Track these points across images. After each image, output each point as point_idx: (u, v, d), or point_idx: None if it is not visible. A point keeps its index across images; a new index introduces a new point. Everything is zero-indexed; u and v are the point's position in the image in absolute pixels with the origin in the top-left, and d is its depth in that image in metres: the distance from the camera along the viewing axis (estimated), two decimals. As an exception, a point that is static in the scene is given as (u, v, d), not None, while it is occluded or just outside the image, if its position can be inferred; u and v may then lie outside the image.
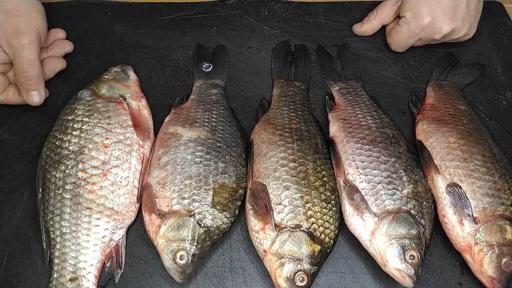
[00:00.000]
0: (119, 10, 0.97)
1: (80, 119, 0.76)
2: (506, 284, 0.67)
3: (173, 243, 0.66)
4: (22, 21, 0.78)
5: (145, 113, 0.81)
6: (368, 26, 0.96)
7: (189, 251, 0.66)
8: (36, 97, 0.80)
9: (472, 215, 0.69)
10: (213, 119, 0.79)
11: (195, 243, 0.67)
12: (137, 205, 0.73)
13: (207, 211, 0.68)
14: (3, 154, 0.79)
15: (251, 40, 0.96)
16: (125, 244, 0.71)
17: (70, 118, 0.77)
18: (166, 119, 0.80)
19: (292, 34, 0.97)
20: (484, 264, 0.67)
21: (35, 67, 0.78)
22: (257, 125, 0.81)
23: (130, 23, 0.96)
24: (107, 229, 0.70)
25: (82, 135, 0.74)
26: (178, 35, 0.95)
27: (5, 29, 0.77)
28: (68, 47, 0.90)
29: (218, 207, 0.69)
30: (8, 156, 0.79)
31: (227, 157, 0.74)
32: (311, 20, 0.99)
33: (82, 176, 0.71)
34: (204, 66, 0.89)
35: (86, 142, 0.74)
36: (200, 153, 0.73)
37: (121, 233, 0.71)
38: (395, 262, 0.66)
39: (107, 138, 0.74)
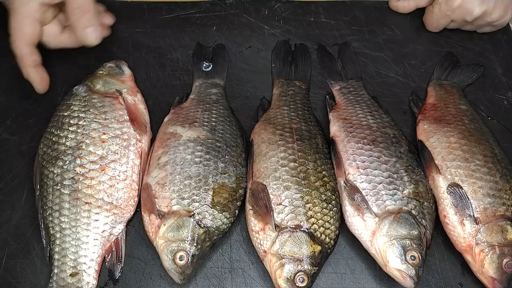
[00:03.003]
0: (119, 9, 0.96)
1: (76, 114, 0.76)
2: (507, 285, 0.66)
3: (172, 244, 0.66)
4: None
5: (141, 107, 0.81)
6: (403, 4, 0.97)
7: (188, 252, 0.66)
8: (93, 34, 0.72)
9: (473, 215, 0.69)
10: (213, 119, 0.79)
11: (195, 244, 0.66)
12: (136, 199, 0.72)
13: (206, 211, 0.68)
14: (2, 154, 0.78)
15: (251, 39, 0.95)
16: (124, 238, 0.71)
17: (66, 114, 0.76)
18: (166, 119, 0.80)
19: (292, 33, 0.96)
20: (485, 265, 0.67)
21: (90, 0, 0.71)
22: (257, 125, 0.80)
23: (130, 22, 0.96)
24: (107, 223, 0.69)
25: (79, 130, 0.74)
26: (178, 34, 0.95)
27: None
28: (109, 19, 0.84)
29: (218, 207, 0.69)
30: (7, 156, 0.78)
31: (227, 157, 0.74)
32: (312, 19, 0.99)
33: (80, 171, 0.71)
34: (204, 65, 0.89)
35: (83, 137, 0.73)
36: (199, 153, 0.73)
37: (120, 227, 0.70)
38: (396, 263, 0.66)
39: (104, 133, 0.74)
